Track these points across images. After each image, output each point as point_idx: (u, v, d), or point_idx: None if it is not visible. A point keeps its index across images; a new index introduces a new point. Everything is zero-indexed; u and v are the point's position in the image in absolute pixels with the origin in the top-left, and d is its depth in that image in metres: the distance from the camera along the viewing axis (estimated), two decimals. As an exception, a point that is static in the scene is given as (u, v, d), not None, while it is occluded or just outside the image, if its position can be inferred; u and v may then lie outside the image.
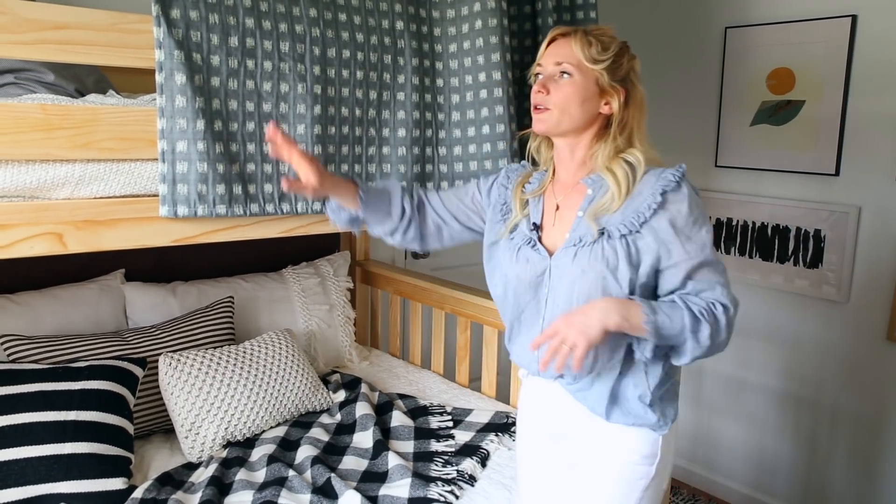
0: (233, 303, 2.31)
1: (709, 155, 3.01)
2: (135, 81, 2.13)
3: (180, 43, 1.34)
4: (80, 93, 1.67)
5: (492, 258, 1.54)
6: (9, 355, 1.89)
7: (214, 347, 2.10)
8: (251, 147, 1.45)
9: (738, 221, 2.93)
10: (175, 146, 1.36)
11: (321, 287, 2.62)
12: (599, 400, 1.40)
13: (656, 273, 1.34)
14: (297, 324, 2.50)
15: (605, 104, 1.38)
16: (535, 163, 1.55)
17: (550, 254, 1.40)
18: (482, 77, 1.76)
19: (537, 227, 1.45)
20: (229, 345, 2.16)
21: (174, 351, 2.04)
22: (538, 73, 1.41)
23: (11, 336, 1.93)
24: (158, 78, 1.37)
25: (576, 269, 1.34)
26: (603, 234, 1.33)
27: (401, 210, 1.58)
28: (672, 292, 1.34)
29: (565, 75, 1.36)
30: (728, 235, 2.97)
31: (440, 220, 1.63)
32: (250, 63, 1.42)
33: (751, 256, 2.90)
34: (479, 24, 1.76)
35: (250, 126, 1.46)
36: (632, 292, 1.32)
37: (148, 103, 1.44)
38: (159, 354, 2.01)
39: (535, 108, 1.39)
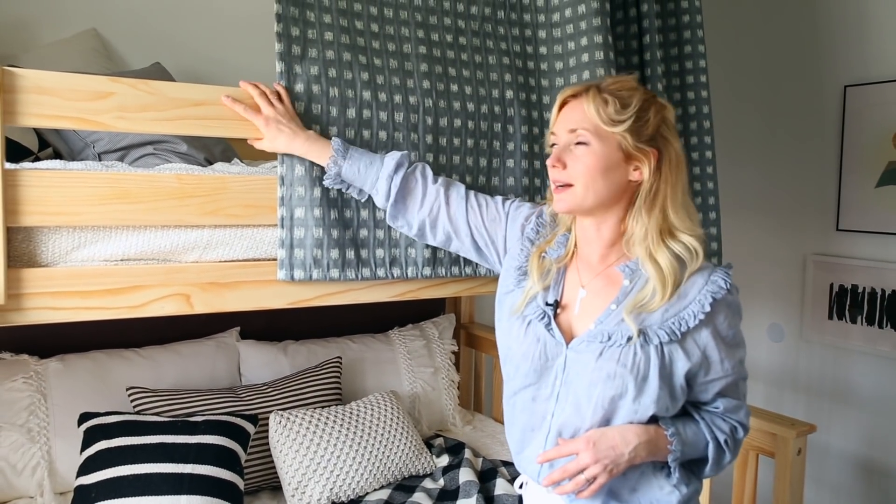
0: (341, 363, 2.36)
1: (829, 218, 2.85)
2: (257, 150, 2.27)
3: (301, 115, 1.42)
4: (209, 161, 1.79)
5: (502, 315, 1.34)
6: (134, 406, 2.00)
7: (322, 407, 2.14)
8: (364, 213, 1.49)
9: (864, 289, 2.74)
10: (293, 212, 1.42)
11: (426, 349, 2.64)
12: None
13: (686, 382, 1.18)
14: (403, 386, 2.51)
15: (635, 170, 1.18)
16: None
17: (567, 340, 1.20)
18: None
19: (556, 304, 1.24)
20: (336, 405, 2.19)
21: (284, 409, 2.10)
22: (553, 144, 1.23)
23: (138, 389, 2.04)
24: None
25: (599, 371, 1.15)
26: (639, 336, 1.14)
27: (394, 168, 1.40)
28: (697, 403, 1.23)
29: (581, 145, 1.17)
30: (854, 303, 2.78)
31: (451, 229, 1.43)
32: (366, 133, 1.48)
33: (881, 326, 2.69)
34: None
35: None
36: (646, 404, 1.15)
37: (269, 171, 1.52)
38: (270, 412, 2.07)
39: (555, 185, 1.20)
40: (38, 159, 1.80)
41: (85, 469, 1.79)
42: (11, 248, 1.23)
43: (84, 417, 1.89)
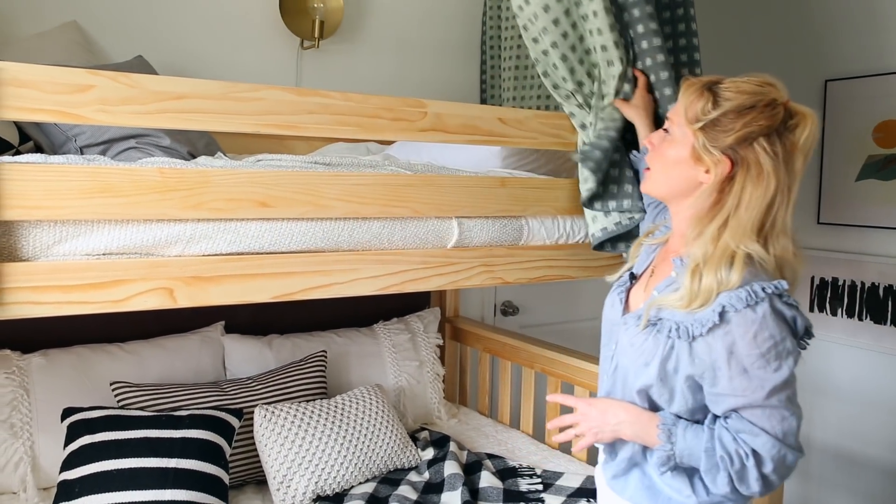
0: (325, 357, 2.36)
1: (810, 212, 2.89)
2: (240, 144, 2.27)
3: None
4: (192, 155, 1.78)
5: None
6: (118, 401, 1.99)
7: (307, 401, 2.14)
8: None
9: (844, 281, 2.78)
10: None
11: (411, 343, 2.64)
12: (637, 493, 1.26)
13: (698, 386, 1.17)
14: (388, 379, 2.52)
15: (707, 172, 1.16)
16: None
17: (627, 311, 1.32)
18: None
19: (634, 277, 1.36)
20: (321, 398, 2.19)
21: (269, 403, 2.10)
22: None
23: (122, 383, 2.03)
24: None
25: (625, 344, 1.25)
26: (655, 324, 1.18)
27: None
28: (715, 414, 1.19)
29: (667, 133, 1.22)
30: (834, 296, 2.81)
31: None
32: None
33: (861, 319, 2.73)
34: None
35: None
36: (648, 394, 1.20)
37: (252, 165, 1.52)
38: (255, 406, 2.07)
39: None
40: (18, 153, 1.79)
41: (68, 464, 1.78)
42: (-8, 243, 1.22)
43: (67, 412, 1.88)
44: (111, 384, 2.03)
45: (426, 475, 2.14)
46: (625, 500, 1.29)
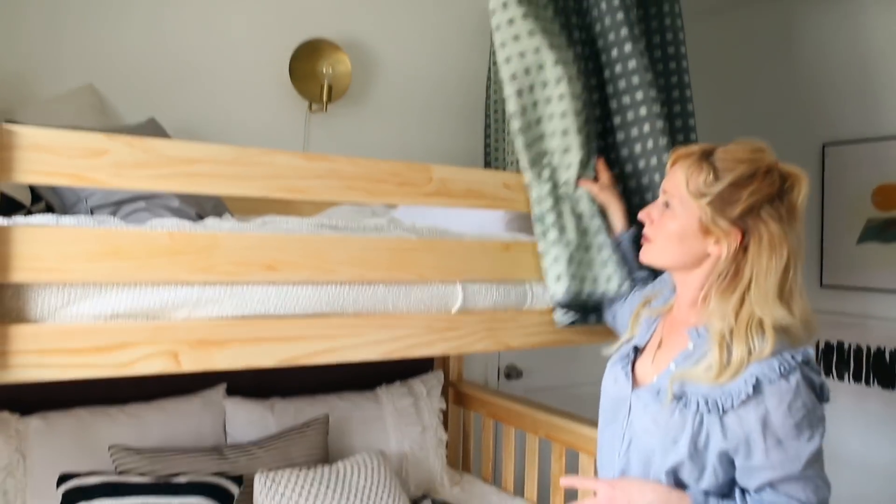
0: (328, 421, 2.32)
1: (813, 274, 2.89)
2: (247, 205, 2.29)
3: None
4: (200, 216, 1.80)
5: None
6: (116, 466, 1.96)
7: (308, 467, 2.10)
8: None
9: (850, 345, 2.76)
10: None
11: (414, 408, 2.61)
12: None
13: (730, 461, 1.13)
14: (390, 444, 2.48)
15: (716, 243, 1.16)
16: None
17: (636, 385, 1.27)
18: None
19: (637, 350, 1.33)
20: (323, 464, 2.15)
21: (270, 469, 2.06)
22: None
23: (120, 447, 2.00)
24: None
25: (643, 422, 1.19)
26: (681, 399, 1.14)
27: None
28: (746, 488, 1.15)
29: (668, 207, 1.21)
30: (840, 360, 2.79)
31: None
32: None
33: (868, 384, 2.70)
34: None
35: None
36: (676, 472, 1.15)
37: (260, 227, 1.53)
38: (255, 472, 2.03)
39: (643, 236, 1.28)
40: (30, 213, 1.80)
41: (63, 532, 1.74)
42: (0, 305, 1.22)
43: (63, 478, 1.85)
44: (109, 448, 1.99)
45: (429, 545, 2.08)
46: None
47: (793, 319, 1.12)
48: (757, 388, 1.07)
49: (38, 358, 1.23)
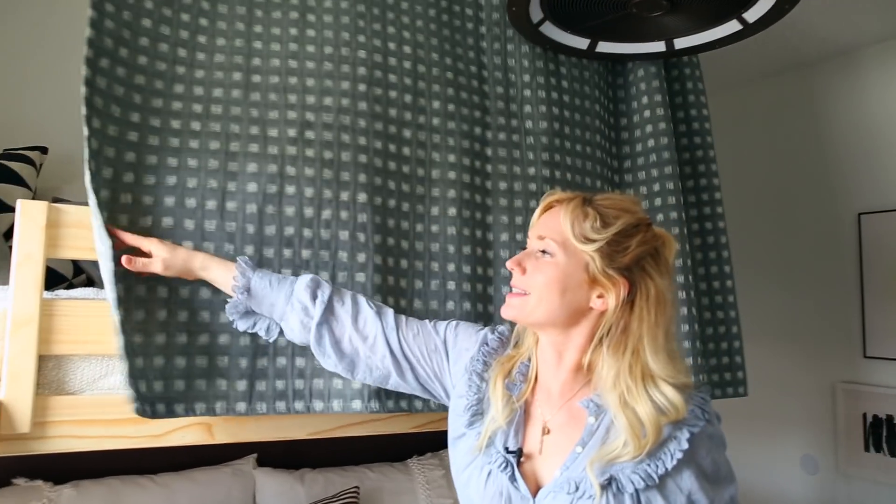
0: (358, 493, 2.29)
1: (855, 345, 2.81)
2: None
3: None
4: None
5: (458, 463, 1.17)
6: (145, 538, 1.95)
7: (338, 540, 2.07)
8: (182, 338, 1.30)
9: (899, 419, 2.66)
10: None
11: (445, 480, 2.56)
12: None
13: None
14: (421, 517, 2.43)
15: (599, 297, 1.06)
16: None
17: (533, 490, 1.06)
18: None
19: (519, 452, 1.10)
20: (353, 538, 2.12)
21: (299, 543, 2.03)
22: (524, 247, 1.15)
23: (150, 519, 1.99)
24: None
25: None
26: (610, 484, 0.99)
27: (310, 298, 1.24)
28: None
29: (546, 254, 1.08)
30: (890, 434, 2.68)
31: (393, 362, 1.25)
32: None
33: (920, 459, 2.58)
34: None
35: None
36: None
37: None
38: (284, 546, 2.00)
39: (511, 289, 1.12)
40: (71, 285, 1.86)
41: None
42: (41, 376, 1.25)
43: (94, 549, 1.84)
44: (140, 519, 1.99)
45: None
46: None
47: (682, 375, 1.06)
48: (691, 441, 1.01)
49: (76, 429, 1.25)
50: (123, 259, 1.20)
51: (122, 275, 1.21)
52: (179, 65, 1.38)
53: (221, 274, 1.26)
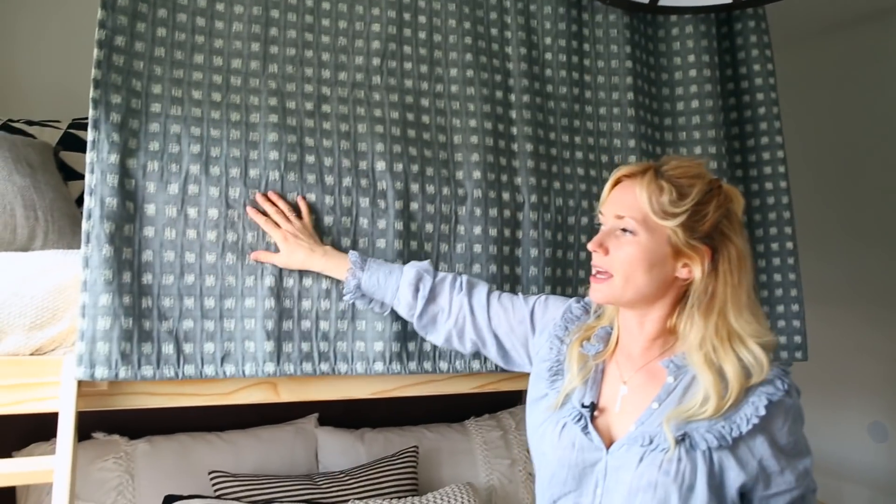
0: (417, 452, 2.34)
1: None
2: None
3: None
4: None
5: (535, 421, 1.21)
6: (215, 489, 2.03)
7: (398, 497, 2.12)
8: (189, 302, 1.32)
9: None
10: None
11: (503, 440, 2.59)
12: None
13: (741, 496, 1.04)
14: (479, 477, 2.46)
15: (684, 267, 1.07)
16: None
17: (607, 444, 1.08)
18: None
19: (593, 406, 1.13)
20: (413, 495, 2.16)
21: (360, 498, 2.08)
22: (600, 224, 1.14)
23: (219, 473, 2.08)
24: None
25: (640, 478, 1.03)
26: (683, 440, 1.02)
27: (414, 288, 1.33)
28: None
29: (627, 233, 1.07)
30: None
31: (476, 339, 1.33)
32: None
33: None
34: None
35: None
36: None
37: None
38: (346, 500, 2.06)
39: (594, 271, 1.12)
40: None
41: (167, 553, 1.81)
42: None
43: (168, 500, 1.93)
44: (209, 473, 2.07)
45: (519, 583, 2.05)
46: None
47: (767, 333, 1.07)
48: (768, 408, 1.02)
49: (150, 387, 1.31)
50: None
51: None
52: (199, 34, 1.41)
53: (336, 273, 1.37)
